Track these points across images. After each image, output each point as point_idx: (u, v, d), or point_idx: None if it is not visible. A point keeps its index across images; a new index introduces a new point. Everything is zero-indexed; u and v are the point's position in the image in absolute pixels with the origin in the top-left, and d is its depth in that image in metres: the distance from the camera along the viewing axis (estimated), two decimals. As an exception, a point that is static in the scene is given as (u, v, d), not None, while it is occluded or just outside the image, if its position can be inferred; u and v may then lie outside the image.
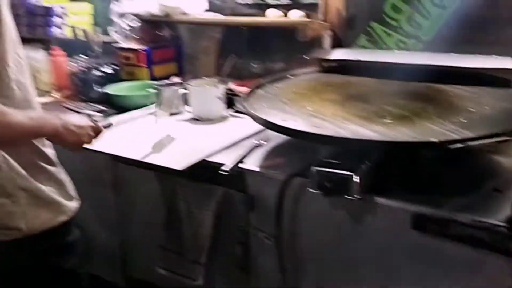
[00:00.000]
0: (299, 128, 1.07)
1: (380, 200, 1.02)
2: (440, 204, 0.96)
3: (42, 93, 2.07)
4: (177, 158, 1.29)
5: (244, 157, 1.27)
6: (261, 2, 1.88)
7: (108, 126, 1.28)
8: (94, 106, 1.78)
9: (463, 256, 0.95)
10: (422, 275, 1.01)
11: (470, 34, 1.49)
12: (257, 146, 1.35)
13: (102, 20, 2.30)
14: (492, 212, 0.93)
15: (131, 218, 1.57)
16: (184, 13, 1.88)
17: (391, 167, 1.07)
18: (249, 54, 1.97)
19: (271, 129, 1.17)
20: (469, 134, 0.98)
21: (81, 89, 1.90)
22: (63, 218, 1.10)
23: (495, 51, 1.39)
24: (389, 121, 1.13)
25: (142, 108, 1.72)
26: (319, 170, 1.03)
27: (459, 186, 1.05)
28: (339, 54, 1.62)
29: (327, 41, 1.74)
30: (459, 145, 0.92)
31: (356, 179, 0.98)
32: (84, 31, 1.90)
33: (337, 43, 1.74)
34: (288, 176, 1.12)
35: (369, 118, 1.16)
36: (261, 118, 1.15)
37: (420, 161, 1.09)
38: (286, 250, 1.18)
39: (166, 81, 1.80)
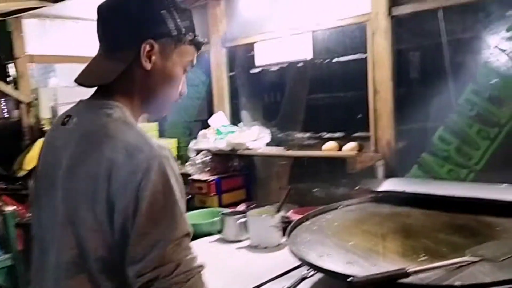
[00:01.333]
0: (328, 267, 1.12)
1: None
2: None
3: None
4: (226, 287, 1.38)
5: (289, 289, 1.33)
6: (317, 135, 2.05)
7: None
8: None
9: None
10: None
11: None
12: (304, 278, 1.40)
13: (183, 154, 2.62)
14: None
15: None
16: (248, 148, 2.10)
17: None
18: (310, 181, 2.10)
19: (306, 265, 1.23)
20: (500, 277, 0.96)
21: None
22: None
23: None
24: (423, 258, 1.14)
25: (209, 236, 1.87)
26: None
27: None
28: (389, 185, 1.68)
29: (380, 171, 1.82)
30: (482, 290, 0.91)
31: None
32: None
33: (390, 173, 1.81)
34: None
35: (405, 254, 1.18)
36: (296, 254, 1.22)
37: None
38: None
39: (231, 210, 1.96)
